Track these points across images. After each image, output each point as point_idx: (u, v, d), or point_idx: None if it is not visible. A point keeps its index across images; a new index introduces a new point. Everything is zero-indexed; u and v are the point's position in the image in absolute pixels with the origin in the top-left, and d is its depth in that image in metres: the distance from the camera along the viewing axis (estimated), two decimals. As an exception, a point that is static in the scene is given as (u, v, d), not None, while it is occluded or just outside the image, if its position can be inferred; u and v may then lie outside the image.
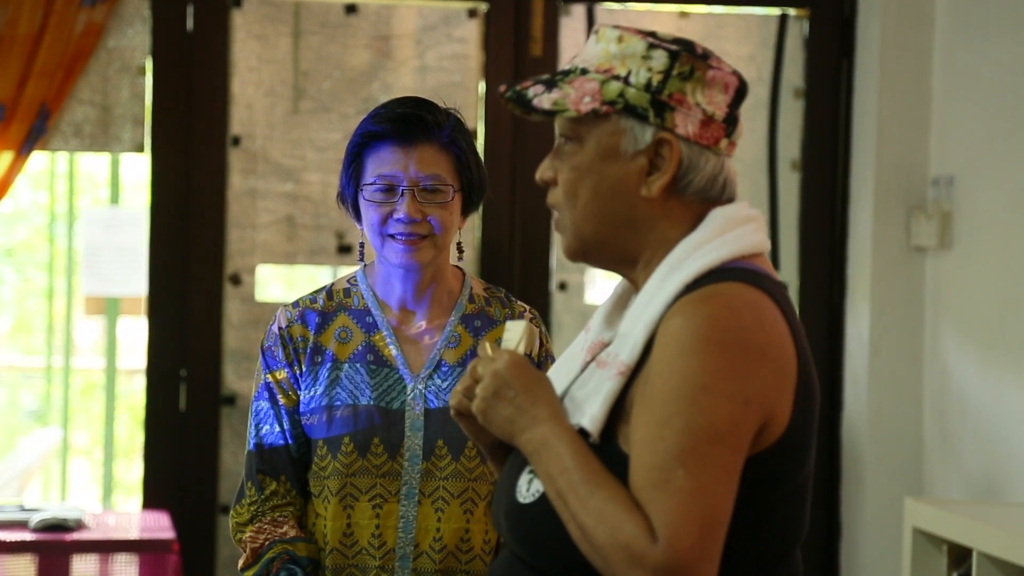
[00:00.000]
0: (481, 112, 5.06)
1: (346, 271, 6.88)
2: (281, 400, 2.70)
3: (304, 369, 2.69)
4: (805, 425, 1.89)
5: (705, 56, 1.96)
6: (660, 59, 1.93)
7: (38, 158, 5.05)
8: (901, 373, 4.97)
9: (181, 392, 4.95)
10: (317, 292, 2.74)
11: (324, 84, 5.02)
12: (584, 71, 1.97)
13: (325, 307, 2.71)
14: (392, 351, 2.69)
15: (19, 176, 4.84)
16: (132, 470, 7.43)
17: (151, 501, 4.93)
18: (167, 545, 4.39)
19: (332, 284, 2.75)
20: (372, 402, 2.67)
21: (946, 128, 4.89)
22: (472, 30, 5.07)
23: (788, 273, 5.18)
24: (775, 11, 5.19)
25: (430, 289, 2.72)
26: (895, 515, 4.72)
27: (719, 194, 1.96)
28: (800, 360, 1.88)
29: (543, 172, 2.04)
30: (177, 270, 4.95)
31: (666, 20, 5.14)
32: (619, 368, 1.91)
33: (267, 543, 2.66)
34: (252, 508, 2.70)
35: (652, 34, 1.97)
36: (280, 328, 2.71)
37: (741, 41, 5.18)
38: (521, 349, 2.01)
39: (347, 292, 2.73)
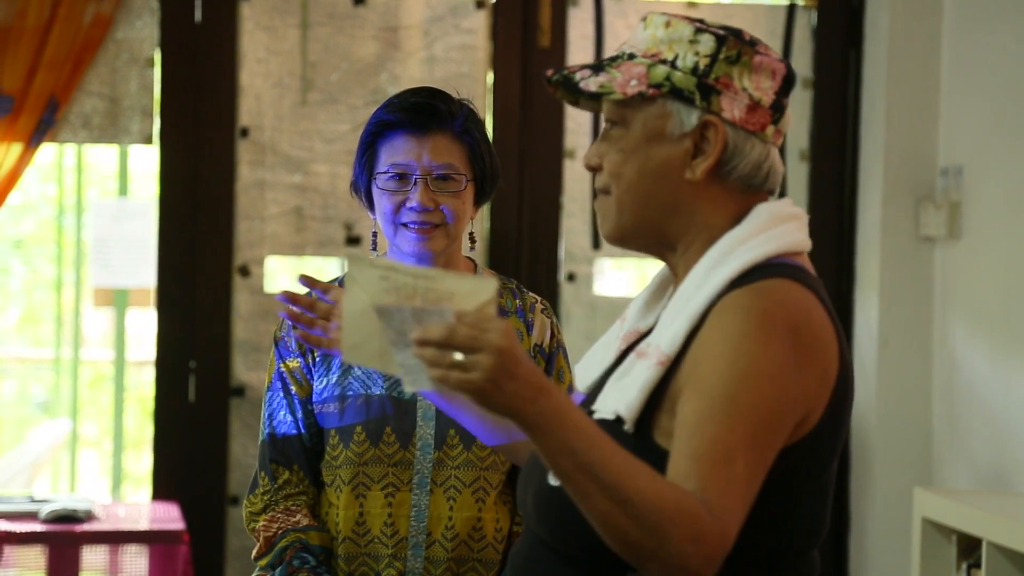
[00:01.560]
0: (489, 102, 5.06)
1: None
2: (294, 389, 2.70)
3: (317, 359, 2.69)
4: (836, 426, 1.89)
5: (753, 43, 1.96)
6: (707, 43, 1.93)
7: (47, 150, 5.05)
8: (910, 363, 4.97)
9: (190, 383, 4.96)
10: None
11: (332, 75, 5.02)
12: (631, 56, 1.98)
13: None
14: None
15: (28, 168, 4.85)
16: (141, 461, 7.45)
17: (161, 492, 4.94)
18: (177, 536, 4.40)
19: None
20: (384, 391, 2.67)
21: (955, 118, 4.89)
22: (480, 21, 5.07)
23: (796, 263, 5.18)
24: (783, 1, 5.18)
25: None
26: (904, 505, 4.72)
27: (762, 183, 1.96)
28: (841, 361, 1.89)
29: (589, 159, 2.03)
30: (186, 261, 4.95)
31: (674, 11, 5.13)
32: (659, 358, 1.90)
33: (280, 532, 2.66)
34: (265, 498, 2.70)
35: (700, 20, 1.98)
36: None
37: (749, 31, 5.16)
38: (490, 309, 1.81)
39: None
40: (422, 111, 2.63)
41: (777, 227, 1.92)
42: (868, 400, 5.03)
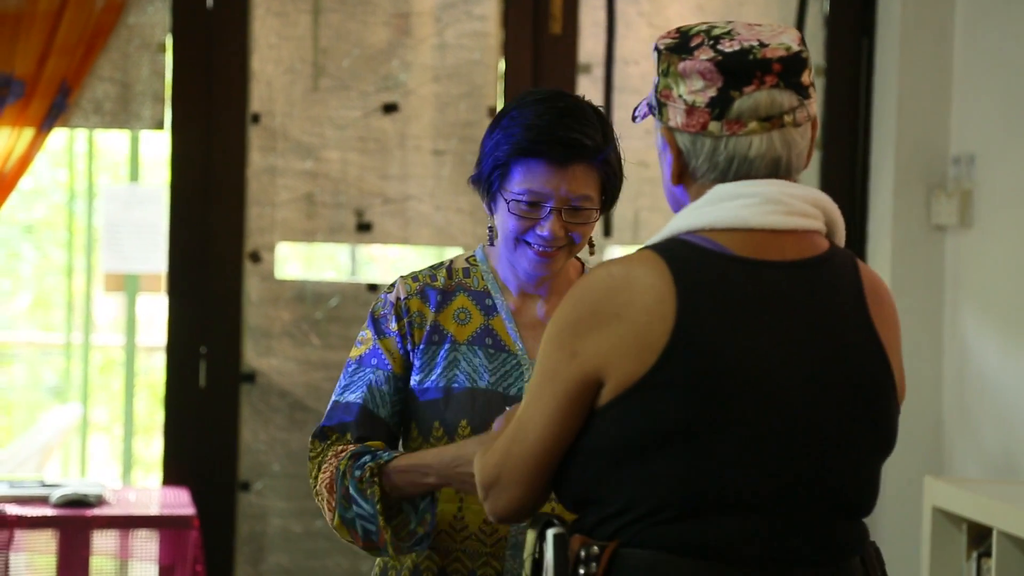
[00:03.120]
0: (500, 89, 5.06)
1: (363, 249, 6.90)
2: (391, 363, 2.62)
3: (420, 347, 2.63)
4: (675, 378, 1.98)
5: (684, 50, 2.07)
6: (654, 60, 2.11)
7: (58, 135, 5.05)
8: (920, 352, 4.97)
9: (201, 369, 4.97)
10: (436, 268, 2.68)
11: (344, 62, 5.02)
12: None
13: (445, 285, 2.65)
14: (511, 336, 2.63)
15: (39, 153, 4.85)
16: (151, 447, 7.46)
17: (171, 477, 4.95)
18: (187, 521, 4.40)
19: (451, 262, 2.68)
20: (490, 386, 2.60)
21: (967, 106, 4.88)
22: (491, 7, 5.06)
23: (808, 251, 5.17)
24: (796, -11, 5.18)
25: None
26: (914, 494, 4.72)
27: (725, 172, 2.07)
28: (680, 322, 1.98)
29: None
30: (197, 247, 4.95)
31: (687, 0, 5.13)
32: None
33: (335, 471, 2.55)
34: (316, 460, 2.61)
35: (675, 30, 2.11)
36: (399, 299, 2.64)
37: (761, 19, 5.14)
38: None
39: (466, 272, 2.67)
40: (569, 146, 2.52)
41: (707, 206, 2.05)
42: (879, 388, 5.01)
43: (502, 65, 5.07)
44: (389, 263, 6.77)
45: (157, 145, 6.30)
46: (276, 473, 5.01)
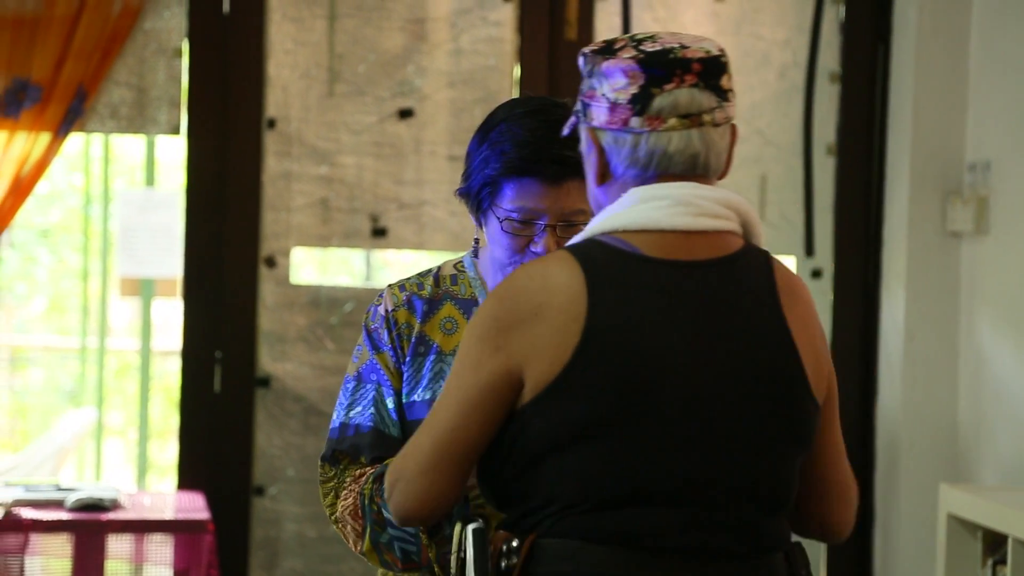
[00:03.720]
0: (516, 95, 5.05)
1: (378, 254, 6.91)
2: (389, 379, 2.56)
3: (407, 359, 2.58)
4: (589, 376, 2.04)
5: (608, 51, 2.14)
6: (580, 64, 2.17)
7: (74, 139, 5.07)
8: (936, 359, 4.96)
9: (216, 374, 4.97)
10: (423, 276, 2.64)
11: (359, 67, 5.03)
12: None
13: (432, 294, 2.61)
14: None
15: (55, 158, 4.87)
16: (166, 451, 7.47)
17: (186, 482, 4.95)
18: (202, 526, 4.41)
19: (439, 269, 2.64)
20: None
21: (983, 113, 4.87)
22: (507, 13, 5.07)
23: (823, 258, 5.17)
24: (811, -5, 5.17)
25: None
26: (930, 501, 4.71)
27: (647, 167, 2.14)
28: (591, 320, 2.05)
29: None
30: (212, 252, 4.96)
31: (701, 4, 5.13)
32: None
33: (359, 496, 2.51)
34: (331, 485, 2.57)
35: (603, 41, 2.18)
36: (387, 311, 2.59)
37: (777, 25, 5.16)
38: None
39: (454, 279, 2.63)
40: (563, 163, 2.45)
41: (621, 208, 2.13)
42: (894, 395, 5.02)
43: (517, 71, 5.07)
44: (404, 268, 6.78)
45: (173, 150, 6.31)
46: (291, 478, 5.02)
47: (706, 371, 2.07)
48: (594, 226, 2.14)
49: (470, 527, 2.11)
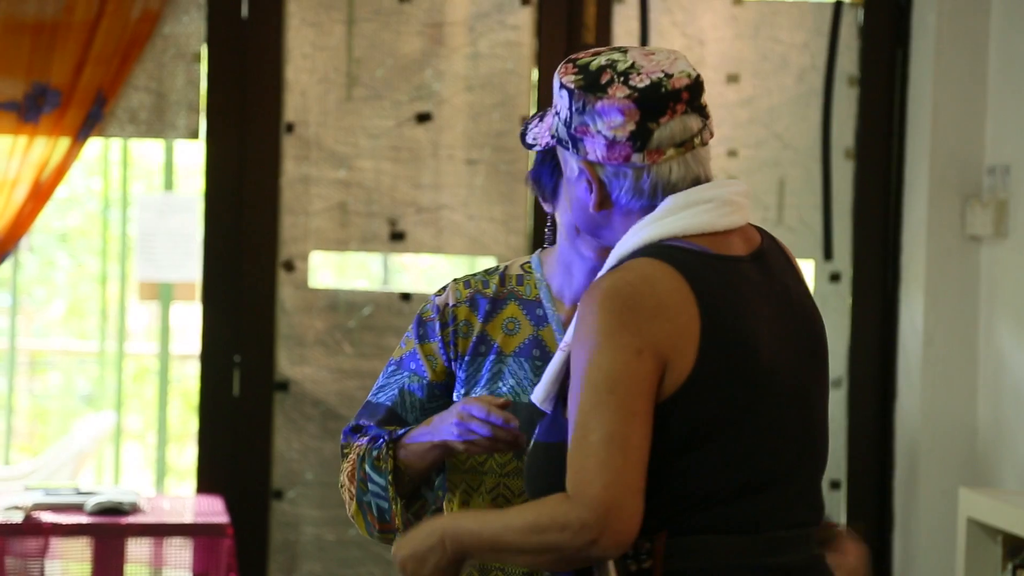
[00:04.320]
0: (534, 99, 5.06)
1: (396, 258, 6.91)
2: (427, 371, 2.57)
3: (466, 358, 2.56)
4: (716, 372, 2.10)
5: (600, 88, 2.17)
6: (565, 98, 2.21)
7: (92, 144, 5.08)
8: (955, 362, 4.95)
9: (235, 377, 4.98)
10: (489, 274, 2.60)
11: (377, 71, 5.03)
12: (553, 104, 2.29)
13: (496, 293, 2.57)
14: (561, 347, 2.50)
15: (75, 162, 4.88)
16: (184, 455, 7.48)
17: (205, 485, 4.96)
18: (221, 529, 4.41)
19: (505, 267, 2.60)
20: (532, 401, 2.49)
21: (1002, 117, 4.86)
22: (525, 17, 5.07)
23: (841, 262, 5.16)
24: (830, -2, 5.17)
25: None
26: (949, 505, 4.70)
27: (653, 197, 2.21)
28: (707, 318, 2.11)
29: None
30: (231, 256, 4.97)
31: (720, 8, 5.13)
32: (563, 345, 2.22)
33: (356, 461, 2.53)
34: (344, 452, 2.58)
35: (571, 64, 2.22)
36: (447, 305, 2.57)
37: (795, 29, 5.16)
38: None
39: (520, 279, 2.58)
40: None
41: (672, 215, 2.18)
42: (913, 399, 5.01)
43: (535, 75, 5.07)
44: (421, 272, 6.78)
45: (191, 154, 6.33)
46: (309, 482, 5.02)
47: (792, 356, 2.19)
48: (645, 235, 2.17)
49: None
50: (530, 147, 2.35)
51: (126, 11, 4.84)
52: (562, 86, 2.21)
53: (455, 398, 2.55)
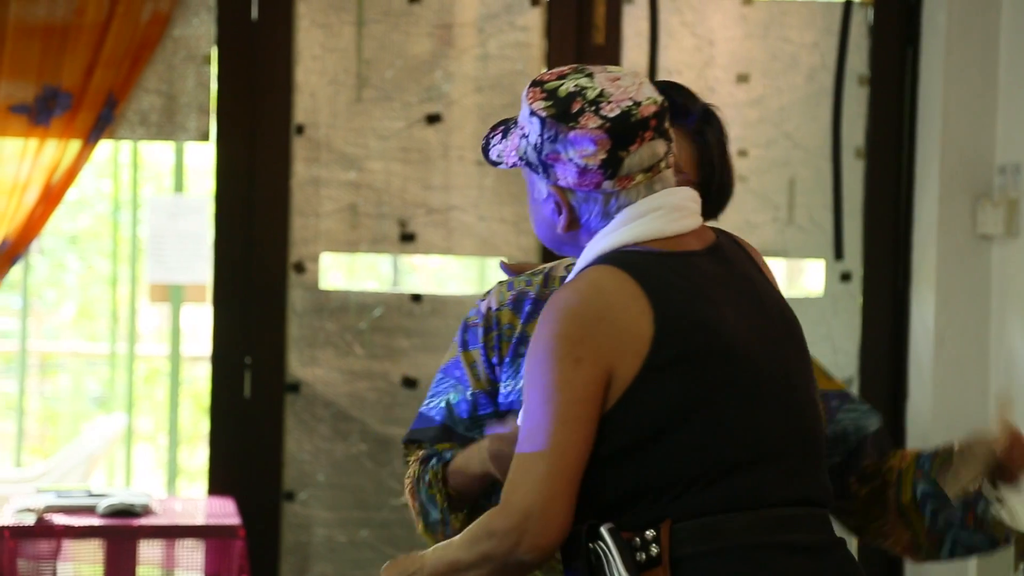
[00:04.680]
0: (544, 100, 5.05)
1: (406, 259, 6.91)
2: (469, 380, 2.56)
3: (507, 359, 2.53)
4: (677, 355, 2.17)
5: (572, 117, 2.23)
6: (535, 125, 2.26)
7: (103, 146, 5.09)
8: (967, 361, 4.94)
9: (246, 379, 4.99)
10: (534, 275, 2.58)
11: (387, 73, 5.04)
12: (518, 124, 2.33)
13: (539, 294, 2.54)
14: None
15: (85, 165, 4.89)
16: (195, 457, 7.49)
17: (216, 487, 4.96)
18: (233, 531, 4.42)
19: (551, 268, 2.58)
20: None
21: (1012, 115, 4.85)
22: (535, 18, 5.07)
23: (852, 262, 5.16)
24: (839, -2, 5.17)
25: None
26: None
27: (615, 217, 2.28)
28: (657, 309, 2.18)
29: None
30: (242, 258, 4.98)
31: (730, 8, 5.12)
32: None
33: (414, 482, 2.53)
34: (406, 457, 2.59)
35: (539, 89, 2.26)
36: (490, 308, 2.55)
37: (805, 28, 5.15)
38: None
39: (563, 280, 2.53)
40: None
41: (623, 227, 2.26)
42: (924, 398, 5.00)
43: (545, 75, 5.07)
44: (431, 273, 6.78)
45: (201, 156, 6.33)
46: (321, 483, 5.03)
47: (764, 338, 2.25)
48: (600, 248, 2.27)
49: (604, 528, 2.16)
50: (494, 164, 2.37)
51: (136, 14, 4.84)
52: (532, 112, 2.26)
53: (499, 399, 2.54)
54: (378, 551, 4.98)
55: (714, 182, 2.52)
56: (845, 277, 5.16)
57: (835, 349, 5.15)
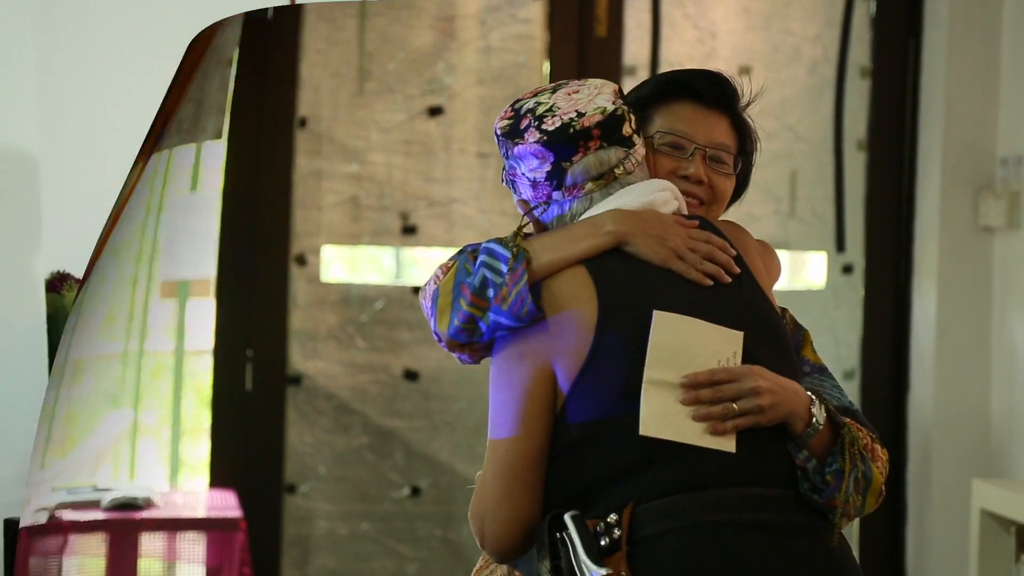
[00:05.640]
0: (545, 93, 5.06)
1: (408, 252, 6.91)
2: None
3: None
4: (616, 346, 2.19)
5: (516, 133, 2.32)
6: (499, 144, 2.37)
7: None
8: (969, 354, 4.93)
9: (247, 372, 5.00)
10: None
11: (389, 65, 5.04)
12: None
13: None
14: None
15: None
16: (197, 450, 7.49)
17: (218, 480, 4.97)
18: (234, 524, 4.43)
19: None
20: None
21: (1015, 107, 4.84)
22: (536, 11, 5.07)
23: (854, 254, 5.15)
24: (843, -10, 5.16)
25: None
26: (963, 496, 4.68)
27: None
28: (603, 303, 2.21)
29: None
30: (244, 251, 4.99)
31: (729, 2, 5.12)
32: None
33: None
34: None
35: (510, 108, 2.36)
36: None
37: (807, 20, 5.15)
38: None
39: None
40: (716, 83, 2.49)
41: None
42: (926, 390, 4.99)
43: (547, 68, 5.07)
44: (433, 266, 6.78)
45: (212, 154, 6.35)
46: (322, 476, 5.03)
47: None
48: None
49: (567, 515, 2.17)
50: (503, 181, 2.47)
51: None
52: (496, 131, 2.37)
53: None
54: (379, 544, 4.99)
55: (746, 165, 2.55)
56: (847, 269, 5.15)
57: (837, 341, 5.14)
